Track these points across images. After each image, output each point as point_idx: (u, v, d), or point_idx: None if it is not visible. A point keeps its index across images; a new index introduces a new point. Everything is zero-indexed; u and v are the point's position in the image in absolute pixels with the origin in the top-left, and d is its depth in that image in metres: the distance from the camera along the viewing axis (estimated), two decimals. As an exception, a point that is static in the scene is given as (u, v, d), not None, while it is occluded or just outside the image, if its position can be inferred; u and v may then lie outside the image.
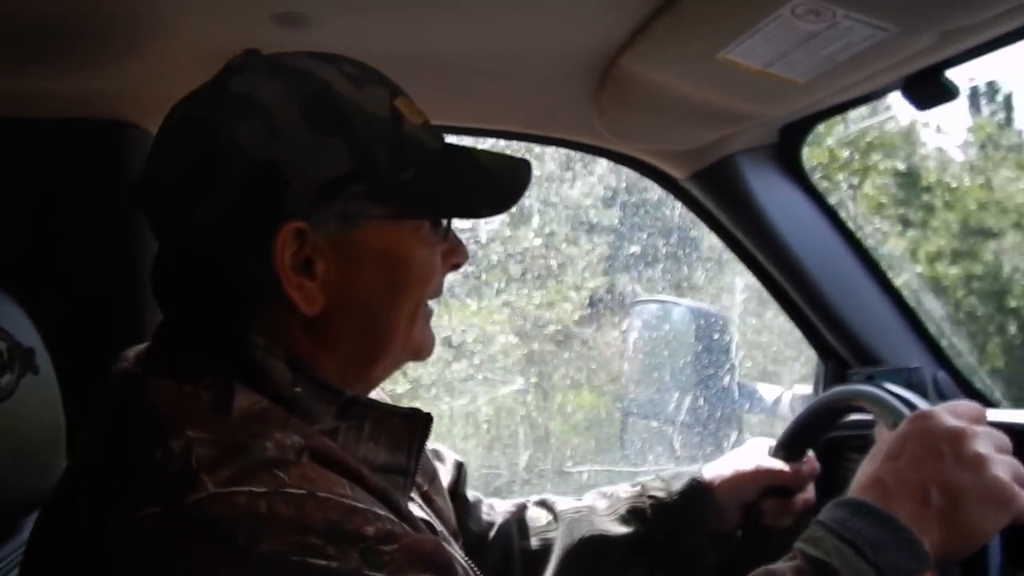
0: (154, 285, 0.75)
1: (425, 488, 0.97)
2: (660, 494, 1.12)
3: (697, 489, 1.11)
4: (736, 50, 0.97)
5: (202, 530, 0.58)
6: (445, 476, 1.07)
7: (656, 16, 1.02)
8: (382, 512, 0.64)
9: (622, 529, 1.10)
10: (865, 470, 0.82)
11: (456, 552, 0.86)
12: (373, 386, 0.82)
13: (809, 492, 1.16)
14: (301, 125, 0.69)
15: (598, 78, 1.23)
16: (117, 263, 1.28)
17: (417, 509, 0.88)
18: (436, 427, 0.79)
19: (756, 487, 1.14)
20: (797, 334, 1.63)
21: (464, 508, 1.12)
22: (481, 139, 1.51)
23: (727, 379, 2.40)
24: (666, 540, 1.10)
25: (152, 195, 0.73)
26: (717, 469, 1.14)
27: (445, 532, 0.92)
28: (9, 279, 0.95)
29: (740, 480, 1.13)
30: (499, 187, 0.78)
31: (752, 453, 1.17)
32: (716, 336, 2.36)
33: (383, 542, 0.60)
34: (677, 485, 1.12)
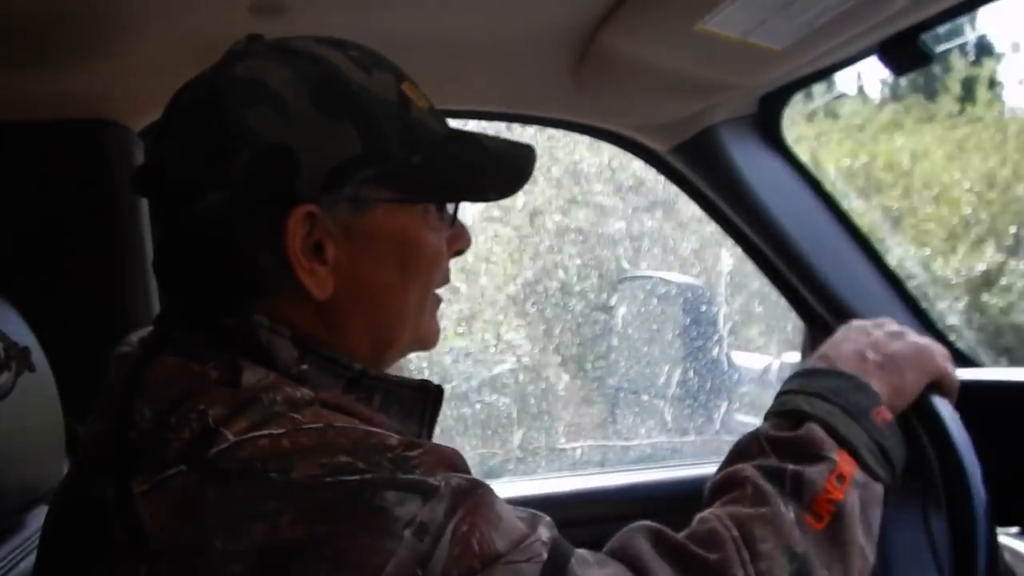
0: (157, 270, 0.74)
1: None
2: None
3: None
4: (714, 20, 0.98)
5: (231, 476, 0.58)
6: None
7: (633, -11, 1.02)
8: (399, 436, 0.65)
9: None
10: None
11: None
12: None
13: None
14: (312, 109, 0.69)
15: (576, 54, 1.23)
16: (105, 260, 1.28)
17: None
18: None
19: None
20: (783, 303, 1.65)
21: None
22: (462, 121, 1.51)
23: (716, 351, 2.42)
24: None
25: (158, 182, 0.72)
26: None
27: None
28: (1, 280, 0.95)
29: None
30: (507, 171, 0.78)
31: None
32: (704, 309, 2.38)
33: (408, 449, 0.62)
34: None
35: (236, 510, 0.58)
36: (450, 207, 0.79)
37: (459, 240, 0.81)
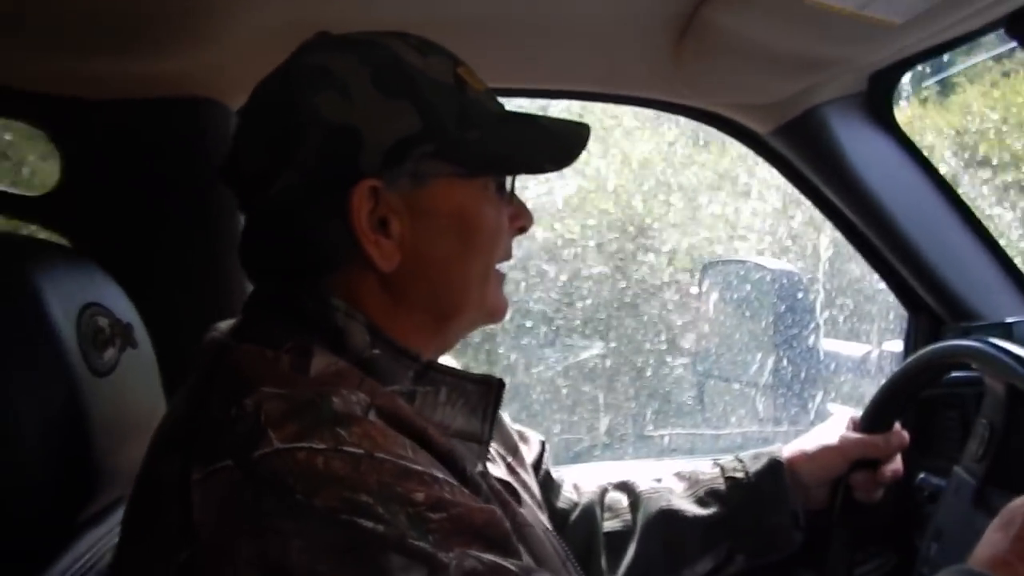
0: (242, 257, 0.79)
1: (509, 460, 0.98)
2: (738, 475, 1.12)
3: (776, 469, 1.10)
4: (828, -8, 0.93)
5: (265, 483, 0.60)
6: (529, 454, 1.08)
7: (740, -39, 0.98)
8: (440, 475, 0.64)
9: (701, 510, 1.10)
10: (992, 541, 0.80)
11: (538, 520, 0.87)
12: (449, 346, 0.84)
13: (897, 463, 1.14)
14: (372, 90, 0.73)
15: (677, 31, 1.19)
16: (205, 238, 1.30)
17: (502, 471, 0.91)
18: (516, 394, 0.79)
19: (842, 462, 1.12)
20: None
21: (548, 485, 1.12)
22: (557, 101, 1.49)
23: (811, 339, 2.35)
24: (746, 521, 1.09)
25: (238, 170, 0.77)
26: (799, 446, 1.13)
27: (527, 499, 0.92)
28: (105, 258, 0.97)
29: (824, 456, 1.12)
30: (560, 144, 0.81)
31: (836, 427, 1.16)
32: (799, 295, 2.31)
33: (432, 509, 0.61)
34: (756, 466, 1.12)
35: (261, 519, 0.59)
36: (508, 183, 0.82)
37: (521, 217, 0.84)
